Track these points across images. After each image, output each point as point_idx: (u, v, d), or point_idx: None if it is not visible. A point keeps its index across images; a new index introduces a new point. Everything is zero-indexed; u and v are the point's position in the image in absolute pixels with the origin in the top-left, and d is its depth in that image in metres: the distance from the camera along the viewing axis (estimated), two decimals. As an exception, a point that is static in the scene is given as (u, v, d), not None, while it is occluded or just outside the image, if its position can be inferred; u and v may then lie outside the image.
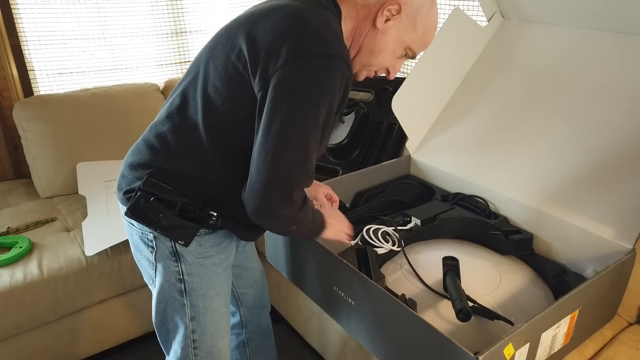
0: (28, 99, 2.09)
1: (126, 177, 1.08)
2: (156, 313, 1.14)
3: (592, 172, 1.34)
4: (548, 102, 1.52)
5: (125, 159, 1.11)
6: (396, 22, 1.03)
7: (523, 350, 0.98)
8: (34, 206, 1.99)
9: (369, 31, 1.04)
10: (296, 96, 0.91)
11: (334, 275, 1.23)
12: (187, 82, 1.05)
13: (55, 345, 1.68)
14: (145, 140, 1.07)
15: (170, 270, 1.08)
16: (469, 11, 2.05)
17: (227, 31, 1.03)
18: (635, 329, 1.32)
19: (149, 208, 1.00)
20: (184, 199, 1.01)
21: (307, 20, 0.95)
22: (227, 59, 0.98)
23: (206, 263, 1.09)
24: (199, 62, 1.05)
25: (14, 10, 2.08)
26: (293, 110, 0.91)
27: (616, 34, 1.44)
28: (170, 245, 1.06)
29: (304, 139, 0.93)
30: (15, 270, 1.60)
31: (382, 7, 1.01)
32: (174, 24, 2.49)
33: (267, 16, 0.97)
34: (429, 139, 1.76)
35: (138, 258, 1.15)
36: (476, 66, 1.75)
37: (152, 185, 1.00)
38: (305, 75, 0.91)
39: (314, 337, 1.65)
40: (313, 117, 0.93)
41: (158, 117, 1.08)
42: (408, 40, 1.06)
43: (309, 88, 0.91)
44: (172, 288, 1.09)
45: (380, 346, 1.14)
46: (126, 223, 1.12)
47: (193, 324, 1.11)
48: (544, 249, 1.39)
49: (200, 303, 1.11)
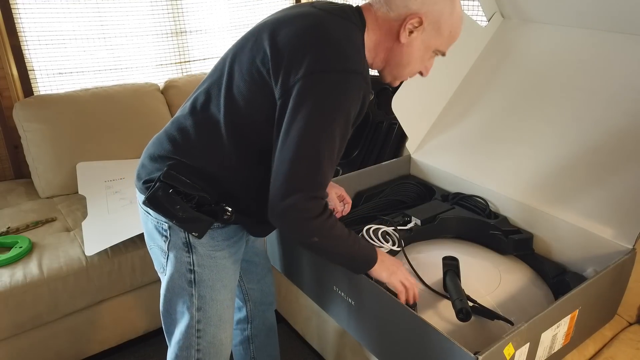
0: (28, 99, 2.09)
1: (146, 167, 1.11)
2: (164, 301, 1.16)
3: (592, 172, 1.34)
4: (548, 102, 1.52)
5: (146, 150, 1.14)
6: (420, 32, 1.03)
7: (523, 350, 0.98)
8: (34, 206, 1.99)
9: (394, 45, 1.05)
10: (314, 109, 0.93)
11: (334, 275, 1.24)
12: (212, 81, 1.08)
13: (55, 345, 1.68)
14: (167, 133, 1.10)
15: (181, 260, 1.10)
16: (469, 11, 2.05)
17: (254, 34, 1.05)
18: (635, 329, 1.32)
19: (166, 199, 1.03)
20: (201, 192, 1.04)
21: (330, 33, 0.97)
22: (252, 63, 1.01)
23: (217, 256, 1.12)
24: (224, 62, 1.08)
25: (14, 10, 2.08)
26: (310, 122, 0.93)
27: (616, 34, 1.44)
28: (184, 236, 1.08)
29: (318, 150, 0.94)
30: (15, 270, 1.60)
31: (403, 22, 1.02)
32: (174, 24, 2.49)
33: (293, 24, 1.00)
34: (429, 139, 1.76)
35: (151, 246, 1.17)
36: (476, 66, 1.75)
37: (171, 177, 1.03)
38: (323, 88, 0.94)
39: (314, 337, 1.65)
40: (329, 130, 0.94)
41: (181, 111, 1.11)
42: (435, 44, 1.06)
43: (327, 102, 0.94)
44: (182, 278, 1.11)
45: (380, 346, 1.15)
46: (142, 211, 1.15)
47: (199, 314, 1.14)
48: (543, 248, 1.39)
49: (208, 294, 1.13)
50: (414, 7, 1.01)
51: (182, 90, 2.39)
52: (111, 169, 2.10)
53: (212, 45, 2.65)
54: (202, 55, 2.64)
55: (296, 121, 0.93)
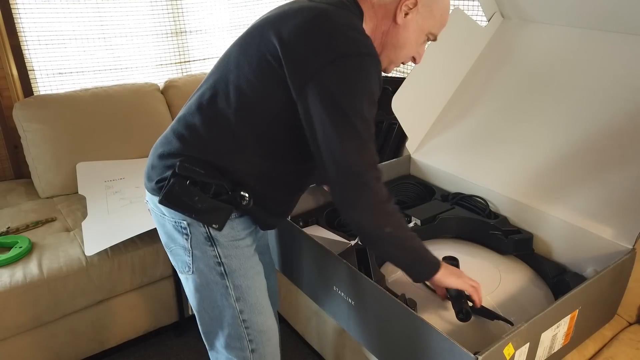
0: (28, 99, 2.09)
1: (156, 167, 1.10)
2: (198, 300, 1.15)
3: (592, 172, 1.34)
4: (548, 102, 1.52)
5: (154, 150, 1.13)
6: (415, 14, 1.08)
7: (523, 350, 0.98)
8: (34, 206, 1.99)
9: (390, 28, 1.09)
10: (341, 97, 0.96)
11: (334, 275, 1.24)
12: (216, 78, 1.08)
13: (55, 345, 1.68)
14: (175, 131, 1.10)
15: (207, 254, 1.10)
16: (469, 11, 2.05)
17: (258, 29, 1.06)
18: (635, 329, 1.32)
19: (184, 192, 1.03)
20: (217, 180, 1.04)
21: (336, 22, 1.00)
22: (263, 57, 1.02)
23: (240, 245, 1.12)
24: (227, 59, 1.09)
25: (14, 10, 2.08)
26: (342, 108, 0.96)
27: (616, 34, 1.44)
28: (205, 231, 1.08)
29: (359, 133, 0.98)
30: (15, 270, 1.60)
31: (399, 3, 1.06)
32: (173, 24, 2.49)
33: (297, 17, 1.01)
34: (429, 139, 1.76)
35: (171, 247, 1.15)
36: (476, 66, 1.75)
37: (186, 170, 1.03)
38: (345, 75, 0.97)
39: (314, 337, 1.65)
40: (360, 112, 0.98)
41: (186, 110, 1.11)
42: (428, 26, 1.11)
43: (352, 87, 0.97)
44: (213, 271, 1.11)
45: (380, 346, 1.15)
46: (157, 214, 1.13)
47: (239, 304, 1.13)
48: (543, 248, 1.39)
49: (243, 283, 1.13)
50: None
51: (182, 90, 2.39)
52: (111, 169, 2.10)
53: (212, 45, 2.65)
54: (202, 55, 2.64)
55: (328, 110, 0.96)
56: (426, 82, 1.69)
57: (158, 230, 1.18)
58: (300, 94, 0.98)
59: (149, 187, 1.12)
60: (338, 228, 1.46)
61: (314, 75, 0.96)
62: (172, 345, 1.93)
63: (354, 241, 1.36)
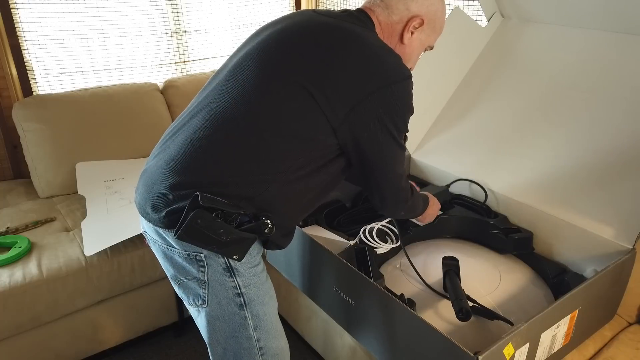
0: (27, 99, 2.08)
1: (165, 196, 0.99)
2: (210, 331, 1.09)
3: (592, 172, 1.34)
4: (548, 102, 1.52)
5: (163, 178, 1.00)
6: (419, 32, 1.11)
7: (523, 350, 0.98)
8: (33, 206, 1.99)
9: (396, 46, 1.12)
10: (389, 122, 1.00)
11: (333, 275, 1.23)
12: (228, 96, 1.01)
13: (55, 345, 1.68)
14: (184, 156, 1.00)
15: (226, 286, 1.03)
16: (469, 11, 2.05)
17: (279, 50, 1.01)
18: (635, 329, 1.32)
19: (209, 225, 0.93)
20: (241, 210, 0.97)
21: (373, 44, 1.01)
22: (294, 82, 0.97)
23: (257, 271, 1.07)
24: (234, 78, 1.02)
25: (14, 10, 2.08)
26: (390, 134, 1.02)
27: (616, 34, 1.44)
28: (223, 262, 1.01)
29: (401, 151, 1.07)
30: (14, 270, 1.60)
31: (406, 24, 1.08)
32: (173, 24, 2.49)
33: (327, 38, 1.00)
34: (429, 139, 1.75)
35: (181, 280, 1.07)
36: (476, 66, 1.75)
37: (210, 200, 0.93)
38: (394, 100, 1.00)
39: (314, 337, 1.65)
40: (404, 132, 1.06)
41: (192, 130, 1.01)
42: (429, 41, 1.16)
43: (400, 111, 1.02)
44: (231, 303, 1.05)
45: (380, 346, 1.14)
46: (161, 246, 1.05)
47: (257, 332, 1.09)
48: (543, 248, 1.39)
49: (260, 311, 1.08)
50: (415, 9, 1.08)
51: (182, 90, 2.39)
52: (111, 169, 2.10)
53: (211, 45, 2.65)
54: (201, 55, 2.64)
55: (382, 139, 1.01)
56: (426, 82, 1.69)
57: (161, 262, 1.10)
58: (345, 118, 0.98)
59: (155, 218, 1.01)
60: (337, 228, 1.46)
61: (362, 101, 0.97)
62: (171, 346, 1.92)
63: (353, 241, 1.36)
